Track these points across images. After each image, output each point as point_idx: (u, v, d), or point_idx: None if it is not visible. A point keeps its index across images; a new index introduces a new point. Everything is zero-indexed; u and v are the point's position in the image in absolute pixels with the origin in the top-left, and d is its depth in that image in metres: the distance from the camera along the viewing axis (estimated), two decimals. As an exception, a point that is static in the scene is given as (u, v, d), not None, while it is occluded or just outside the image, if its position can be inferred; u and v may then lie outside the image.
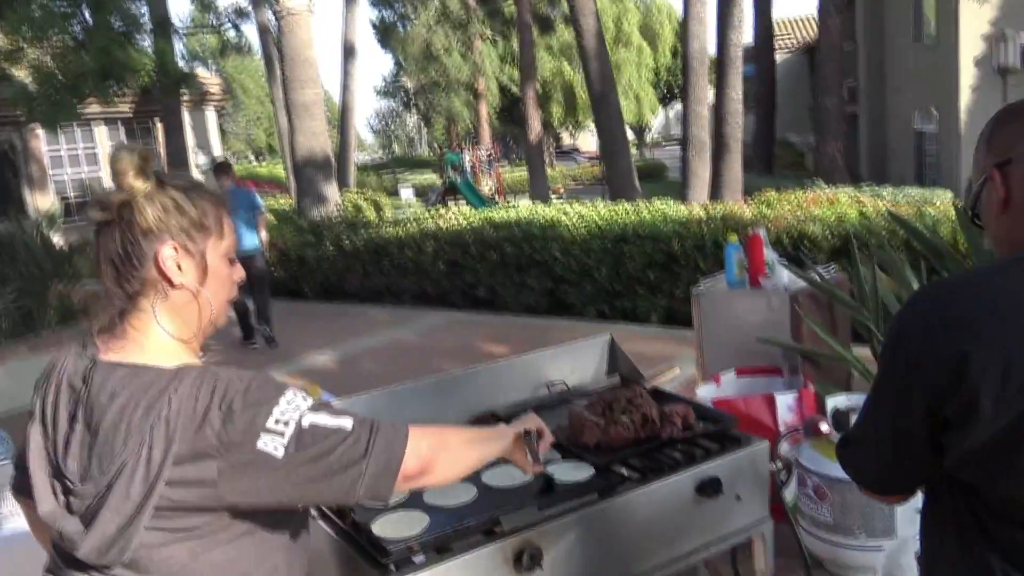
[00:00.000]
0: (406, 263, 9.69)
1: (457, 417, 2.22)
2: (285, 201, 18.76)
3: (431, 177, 30.75)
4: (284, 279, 10.79)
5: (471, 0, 30.80)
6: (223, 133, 27.06)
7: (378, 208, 17.70)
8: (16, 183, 15.42)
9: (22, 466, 1.32)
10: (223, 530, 1.25)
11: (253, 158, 48.51)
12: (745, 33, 15.22)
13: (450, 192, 21.70)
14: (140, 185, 1.27)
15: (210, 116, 18.67)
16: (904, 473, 1.30)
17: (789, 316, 3.19)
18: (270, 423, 1.20)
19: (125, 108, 15.71)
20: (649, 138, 44.64)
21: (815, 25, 21.69)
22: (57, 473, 1.25)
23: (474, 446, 1.49)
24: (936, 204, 7.83)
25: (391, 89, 43.84)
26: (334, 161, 14.83)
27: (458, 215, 10.44)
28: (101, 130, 16.48)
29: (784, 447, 2.51)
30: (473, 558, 1.58)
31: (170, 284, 1.29)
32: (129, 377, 1.22)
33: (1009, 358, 1.08)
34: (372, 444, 1.26)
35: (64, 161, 16.35)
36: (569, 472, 1.90)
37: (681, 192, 13.93)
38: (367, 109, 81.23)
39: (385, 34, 34.35)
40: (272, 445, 1.20)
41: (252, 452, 1.19)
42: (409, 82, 38.58)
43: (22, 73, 10.03)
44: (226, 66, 41.75)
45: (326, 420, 1.25)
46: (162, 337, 1.29)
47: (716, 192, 13.80)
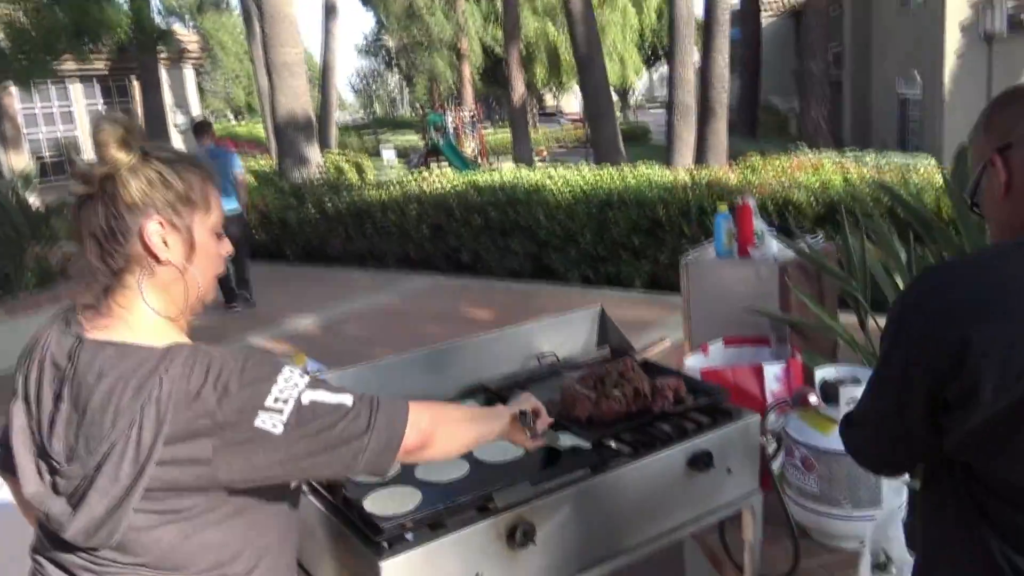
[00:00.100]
0: (389, 227, 9.62)
1: (447, 390, 2.21)
2: (265, 162, 18.52)
3: (413, 138, 30.48)
4: (265, 242, 10.70)
5: (454, -43, 30.36)
6: (201, 91, 26.62)
7: (360, 170, 17.54)
8: (-11, 142, 15.13)
9: (5, 444, 1.29)
10: (214, 510, 1.23)
11: (232, 117, 47.85)
12: (732, -5, 15.10)
13: (432, 154, 21.53)
14: (123, 157, 1.23)
15: (188, 74, 18.36)
16: (904, 454, 1.33)
17: (778, 286, 3.18)
18: (268, 401, 1.19)
19: (101, 66, 15.40)
20: (633, 100, 44.38)
21: (801, -12, 21.59)
22: (42, 453, 1.23)
23: (472, 424, 1.51)
24: (919, 171, 7.87)
25: (372, 48, 43.30)
26: (315, 122, 14.62)
27: (441, 178, 10.36)
28: (76, 88, 16.15)
29: (772, 419, 2.51)
30: (466, 535, 1.57)
31: (156, 260, 1.26)
32: (117, 356, 1.20)
33: (1011, 343, 1.09)
34: (374, 419, 1.27)
35: (39, 120, 16.03)
36: (567, 440, 1.90)
37: (666, 157, 13.89)
38: (348, 69, 79.88)
39: (367, -10, 33.85)
40: (271, 423, 1.19)
41: (249, 430, 1.18)
42: (391, 41, 38.08)
43: (-6, 30, 9.79)
44: (204, 23, 41.00)
45: (326, 397, 1.24)
46: (148, 315, 1.27)
47: (701, 157, 13.78)
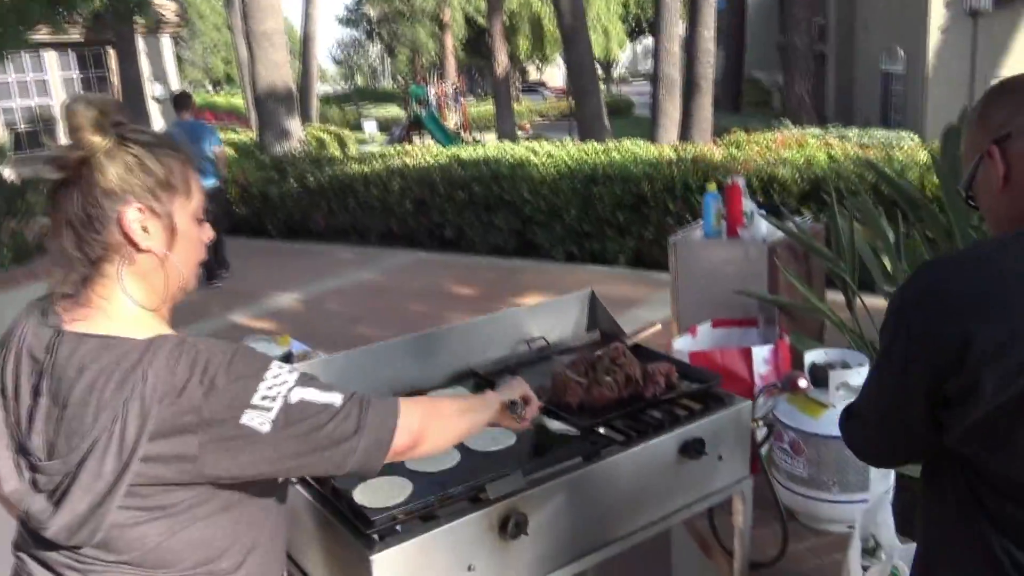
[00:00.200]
0: (372, 201, 9.53)
1: (436, 376, 2.18)
2: (246, 134, 18.29)
3: (395, 110, 30.22)
4: (247, 216, 10.57)
5: (437, -75, 29.94)
6: (179, 62, 26.16)
7: (342, 143, 17.36)
8: (-39, 114, 14.83)
9: None
10: (200, 506, 1.20)
11: (211, 88, 47.18)
12: (717, -33, 14.95)
13: (415, 127, 21.37)
14: (99, 141, 1.18)
15: (166, 44, 18.00)
16: (904, 449, 1.32)
17: (767, 267, 3.17)
18: (256, 399, 1.16)
19: (76, 35, 15.07)
20: (616, 73, 44.18)
21: (787, -40, 21.42)
22: (21, 449, 1.19)
23: (463, 417, 1.48)
24: (903, 148, 7.89)
25: (354, 17, 42.69)
26: (296, 93, 14.43)
27: (425, 153, 10.26)
28: (51, 57, 15.81)
29: (760, 402, 2.51)
30: (458, 526, 1.55)
31: (136, 248, 1.22)
32: (98, 349, 1.16)
33: (1011, 338, 1.08)
34: (364, 420, 1.24)
35: (12, 90, 15.69)
36: (555, 426, 1.88)
37: (651, 132, 13.82)
38: (329, 39, 79.16)
39: (347, -41, 33.37)
40: (258, 421, 1.15)
41: (236, 428, 1.15)
42: (372, 10, 37.58)
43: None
44: (181, -9, 40.12)
45: (315, 395, 1.21)
46: (129, 305, 1.22)
47: (686, 132, 13.73)
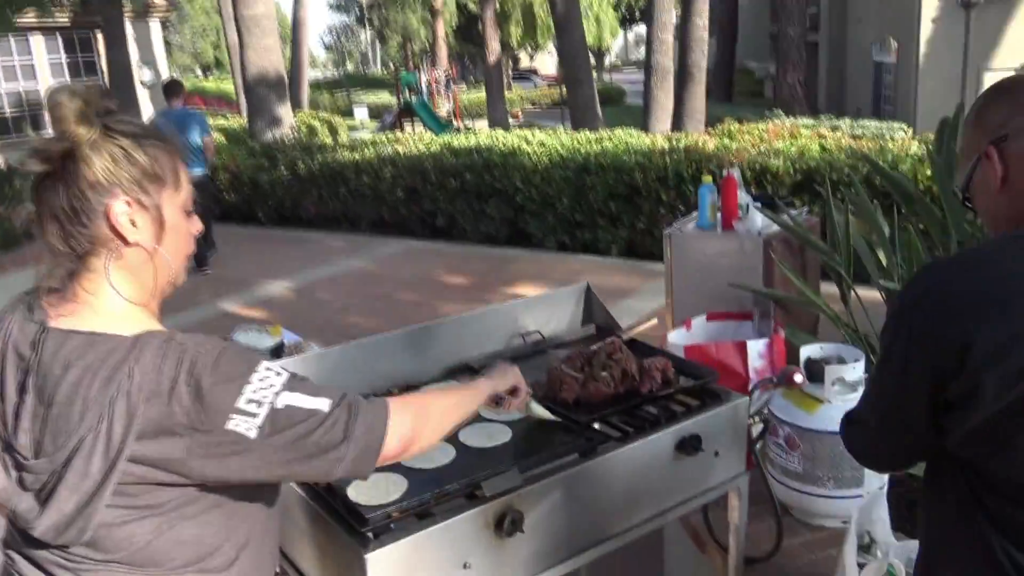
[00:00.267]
0: (363, 189, 9.47)
1: (430, 370, 2.16)
2: (236, 121, 18.15)
3: (386, 97, 30.09)
4: (237, 203, 10.50)
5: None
6: (168, 46, 25.91)
7: (333, 130, 17.27)
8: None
9: None
10: (190, 504, 1.18)
11: (200, 73, 46.81)
12: (710, -44, 14.87)
13: (406, 114, 21.27)
14: (83, 132, 1.15)
15: (154, 28, 17.84)
16: (904, 452, 1.32)
17: (762, 261, 3.16)
18: (241, 403, 1.13)
19: (64, 19, 14.91)
20: (608, 62, 44.05)
21: (780, -51, 21.33)
22: (7, 447, 1.16)
23: (454, 412, 1.45)
24: (895, 139, 7.89)
25: (344, 3, 42.42)
26: (286, 79, 14.31)
27: (417, 141, 10.20)
28: (38, 40, 15.65)
29: (755, 396, 2.50)
30: (454, 524, 1.53)
31: (124, 242, 1.19)
32: (84, 346, 1.13)
33: (1012, 340, 1.07)
34: (352, 427, 1.21)
35: (-1, 73, 15.54)
36: (538, 410, 1.85)
37: (643, 121, 13.79)
38: (319, 24, 78.48)
39: (338, -57, 33.10)
40: (244, 427, 1.12)
41: (222, 434, 1.12)
42: (363, -4, 37.31)
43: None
44: (170, -26, 39.73)
45: (302, 401, 1.18)
46: (116, 300, 1.20)
47: (678, 122, 13.69)
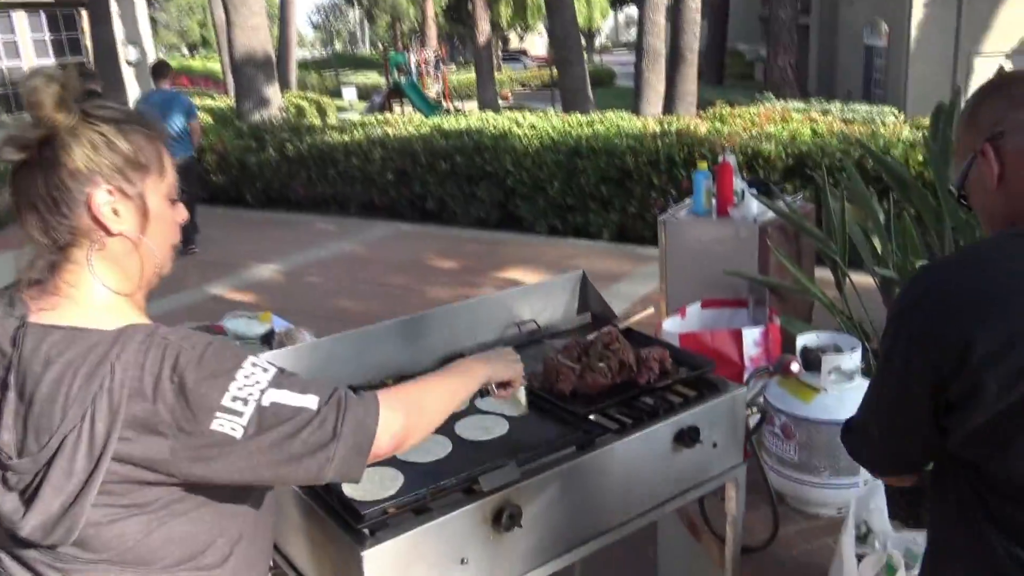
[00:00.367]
0: (353, 171, 9.40)
1: (425, 360, 2.13)
2: (223, 101, 17.96)
3: (375, 77, 29.85)
4: (224, 185, 10.40)
5: None
6: (154, 24, 25.60)
7: (322, 111, 17.12)
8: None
9: None
10: (179, 502, 1.14)
11: (187, 51, 46.30)
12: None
13: (395, 94, 21.11)
14: (62, 119, 1.10)
15: (140, 5, 17.57)
16: (907, 455, 1.31)
17: (757, 247, 3.13)
18: (226, 400, 1.09)
19: (47, -5, 14.70)
20: (598, 43, 43.84)
21: (772, -69, 21.20)
22: None
23: (448, 400, 1.38)
24: (886, 124, 7.88)
25: (333, -19, 41.96)
26: (274, 59, 14.15)
27: (407, 123, 10.12)
28: (20, 17, 15.40)
29: (750, 385, 2.49)
30: (451, 519, 1.51)
31: (107, 232, 1.15)
32: (65, 341, 1.09)
33: (1012, 340, 1.06)
34: (341, 425, 1.15)
35: (-19, 51, 15.31)
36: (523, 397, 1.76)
37: (634, 104, 13.71)
38: (307, 3, 77.66)
39: (326, -79, 32.72)
40: (229, 426, 1.08)
41: (207, 435, 1.08)
42: (351, -26, 36.94)
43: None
44: (155, -49, 39.27)
45: (289, 398, 1.13)
46: (100, 293, 1.15)
47: (670, 104, 13.63)
